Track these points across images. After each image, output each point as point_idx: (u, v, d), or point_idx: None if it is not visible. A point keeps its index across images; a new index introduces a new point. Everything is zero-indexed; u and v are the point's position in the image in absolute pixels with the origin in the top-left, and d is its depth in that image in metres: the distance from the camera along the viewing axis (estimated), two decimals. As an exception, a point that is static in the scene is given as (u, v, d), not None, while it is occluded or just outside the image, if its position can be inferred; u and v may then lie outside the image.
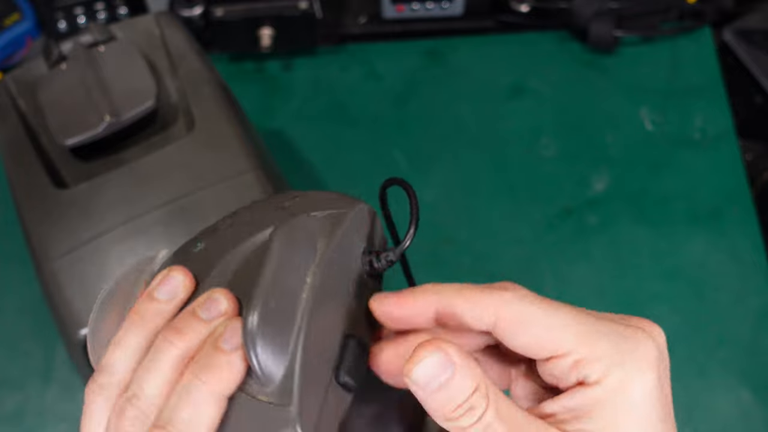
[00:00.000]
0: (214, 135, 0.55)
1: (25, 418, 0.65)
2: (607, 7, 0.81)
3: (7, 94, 0.59)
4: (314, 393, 0.28)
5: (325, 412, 0.28)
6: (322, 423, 0.28)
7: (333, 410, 0.29)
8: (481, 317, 0.29)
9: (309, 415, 0.27)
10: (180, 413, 0.28)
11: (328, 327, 0.29)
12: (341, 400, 0.29)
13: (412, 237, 0.31)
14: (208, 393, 0.28)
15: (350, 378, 0.29)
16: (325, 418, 0.28)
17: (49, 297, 0.52)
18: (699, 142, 0.78)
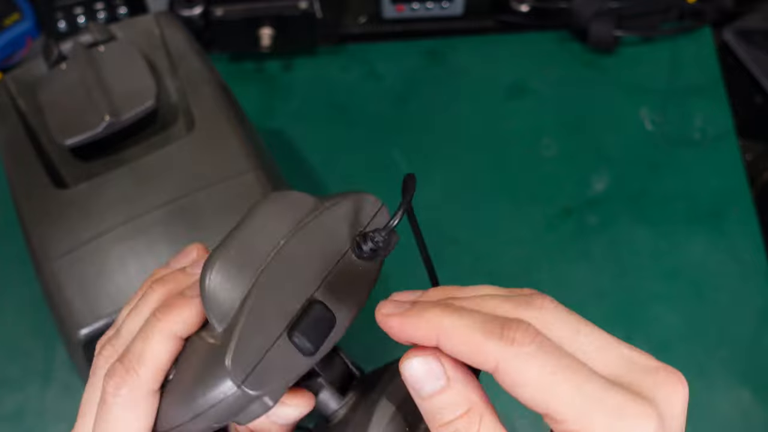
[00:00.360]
0: (214, 135, 0.55)
1: (25, 418, 0.65)
2: (607, 7, 0.81)
3: (7, 93, 0.59)
4: (257, 341, 0.29)
5: (268, 364, 0.29)
6: (264, 373, 0.29)
7: (279, 365, 0.29)
8: (482, 364, 0.28)
9: (245, 359, 0.28)
10: (134, 345, 0.31)
11: (291, 289, 0.30)
12: (292, 358, 0.29)
13: (399, 217, 0.31)
14: (159, 330, 0.31)
15: (305, 339, 0.29)
16: (268, 369, 0.29)
17: (49, 297, 0.52)
18: (699, 142, 0.78)
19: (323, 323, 0.30)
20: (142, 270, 0.51)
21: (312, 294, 0.30)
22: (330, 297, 0.30)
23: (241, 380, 0.28)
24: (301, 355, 0.29)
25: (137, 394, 0.31)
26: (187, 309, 0.32)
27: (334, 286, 0.31)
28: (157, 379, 0.31)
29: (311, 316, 0.30)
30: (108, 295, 0.50)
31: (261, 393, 0.29)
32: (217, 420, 0.30)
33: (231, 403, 0.29)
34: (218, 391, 0.29)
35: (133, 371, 0.31)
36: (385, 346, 0.36)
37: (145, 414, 0.31)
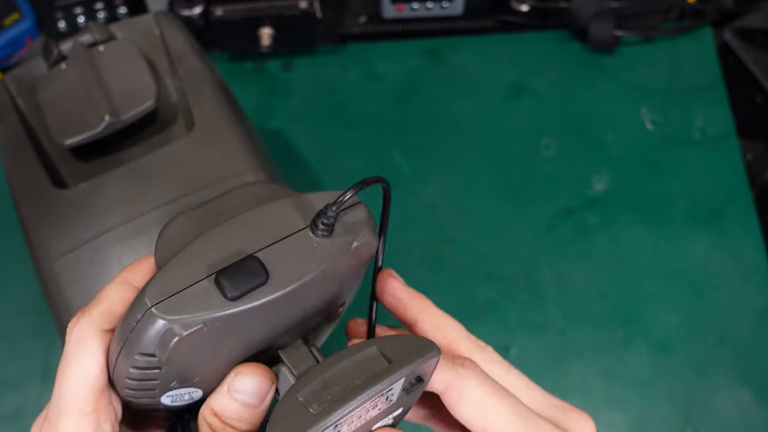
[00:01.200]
0: (214, 135, 0.55)
1: (24, 418, 0.65)
2: (607, 6, 0.81)
3: (7, 93, 0.59)
4: (181, 276, 0.30)
5: (187, 297, 0.30)
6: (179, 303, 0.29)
7: (198, 301, 0.30)
8: (433, 383, 0.33)
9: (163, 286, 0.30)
10: (98, 294, 0.33)
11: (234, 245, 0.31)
12: (213, 298, 0.30)
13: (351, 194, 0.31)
14: (117, 277, 0.33)
15: (229, 282, 0.30)
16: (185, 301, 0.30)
17: (49, 297, 0.52)
18: (699, 142, 0.78)
19: (252, 275, 0.30)
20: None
21: (252, 253, 0.31)
22: (270, 259, 0.31)
23: (153, 302, 0.29)
24: (222, 298, 0.30)
25: (87, 330, 0.32)
26: (147, 264, 0.34)
27: (278, 253, 0.31)
28: (105, 319, 0.33)
29: (241, 265, 0.30)
30: (108, 295, 0.50)
31: (172, 318, 0.29)
32: (140, 348, 0.30)
33: (145, 326, 0.29)
34: (136, 313, 0.30)
35: (87, 310, 0.33)
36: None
37: (95, 349, 0.32)
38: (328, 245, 0.32)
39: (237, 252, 0.31)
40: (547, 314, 0.69)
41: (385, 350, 0.31)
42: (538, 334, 0.68)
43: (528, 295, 0.70)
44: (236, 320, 0.30)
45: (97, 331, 0.32)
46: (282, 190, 0.35)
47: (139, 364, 0.31)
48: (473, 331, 0.37)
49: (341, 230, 0.32)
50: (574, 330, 0.69)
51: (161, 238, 0.32)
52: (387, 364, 0.31)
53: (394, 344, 0.32)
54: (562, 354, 0.68)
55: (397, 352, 0.31)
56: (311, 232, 0.32)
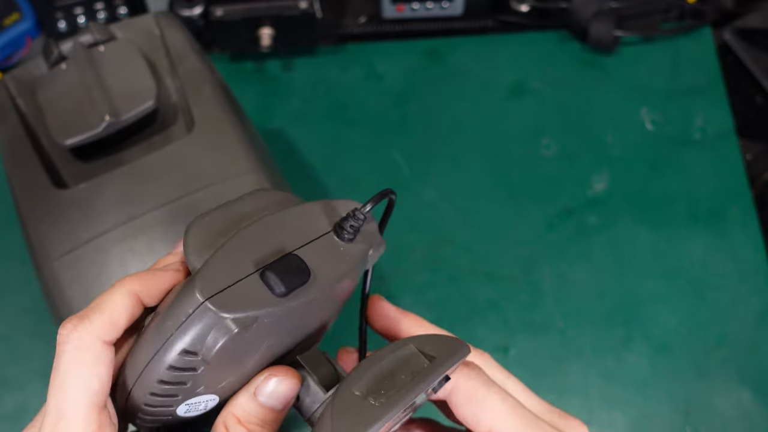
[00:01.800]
0: (214, 135, 0.55)
1: (25, 418, 0.65)
2: (607, 6, 0.81)
3: (7, 93, 0.59)
4: (229, 271, 0.30)
5: (237, 292, 0.29)
6: (231, 298, 0.29)
7: (248, 296, 0.29)
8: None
9: (214, 280, 0.29)
10: (97, 300, 0.31)
11: (270, 243, 0.31)
12: (262, 295, 0.30)
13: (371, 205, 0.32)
14: (121, 285, 0.31)
15: (277, 278, 0.29)
16: (236, 296, 0.29)
17: (49, 297, 0.52)
18: (699, 142, 0.78)
19: (298, 272, 0.30)
20: (141, 270, 0.51)
21: (291, 251, 0.31)
22: (308, 257, 0.31)
23: (206, 297, 0.29)
24: (271, 293, 0.30)
25: (86, 341, 0.30)
26: (154, 276, 0.32)
27: (312, 252, 0.32)
28: (108, 330, 0.30)
29: (287, 262, 0.30)
30: (108, 295, 0.50)
31: (226, 315, 0.29)
32: (185, 345, 0.29)
33: (196, 322, 0.29)
34: (186, 307, 0.29)
35: (86, 318, 0.30)
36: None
37: (95, 364, 0.30)
38: (351, 249, 0.33)
39: (275, 249, 0.31)
40: (547, 314, 0.69)
41: (424, 348, 0.33)
42: (537, 334, 0.68)
43: (528, 295, 0.70)
44: (281, 317, 0.30)
45: (99, 341, 0.30)
46: (290, 197, 0.35)
47: (178, 364, 0.30)
48: (473, 330, 0.37)
49: (361, 236, 0.33)
50: (574, 330, 0.69)
51: (189, 239, 0.31)
52: (428, 362, 0.32)
53: (429, 343, 0.33)
54: (562, 354, 0.68)
55: (436, 350, 0.32)
56: (336, 236, 0.33)
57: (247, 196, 0.34)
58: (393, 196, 0.34)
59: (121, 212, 0.52)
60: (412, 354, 0.32)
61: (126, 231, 0.51)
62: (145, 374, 0.31)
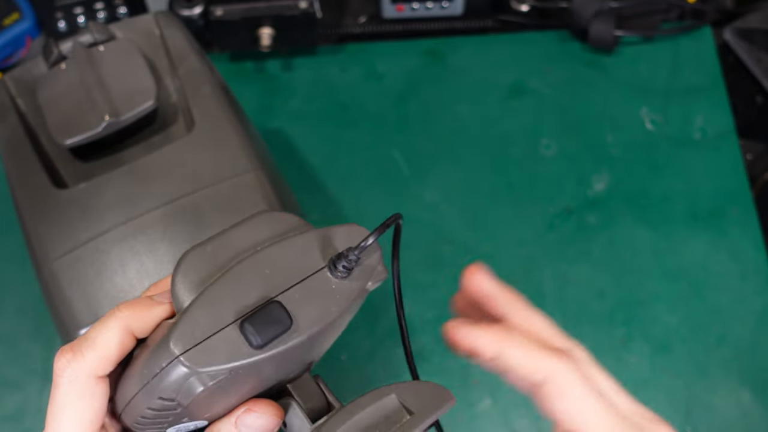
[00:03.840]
0: (214, 135, 0.55)
1: (25, 418, 0.65)
2: (607, 6, 0.81)
3: (7, 93, 0.59)
4: (205, 322, 0.30)
5: (213, 345, 0.29)
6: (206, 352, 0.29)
7: (224, 349, 0.29)
8: (533, 374, 0.35)
9: (188, 333, 0.29)
10: (89, 332, 0.32)
11: (255, 288, 0.31)
12: (239, 347, 0.30)
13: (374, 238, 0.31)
14: (115, 319, 0.32)
15: (254, 330, 0.29)
16: (211, 350, 0.29)
17: (48, 297, 0.52)
18: (699, 142, 0.78)
19: (277, 322, 0.30)
20: (141, 270, 0.51)
21: (274, 296, 0.31)
22: (292, 303, 0.31)
23: (180, 351, 0.29)
24: (248, 346, 0.30)
25: (80, 376, 0.31)
26: (147, 309, 0.32)
27: (299, 295, 0.31)
28: (102, 366, 0.31)
29: (266, 312, 0.30)
30: (108, 295, 0.50)
31: (200, 370, 0.29)
32: (161, 393, 0.30)
33: (170, 375, 0.29)
34: (161, 360, 0.30)
35: (79, 354, 0.31)
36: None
37: (89, 398, 0.31)
38: (346, 287, 0.32)
39: (259, 296, 0.31)
40: (547, 314, 0.69)
41: (405, 400, 0.32)
42: (538, 334, 0.68)
43: (528, 295, 0.70)
44: (261, 365, 0.30)
45: (93, 377, 0.31)
46: (293, 221, 0.34)
47: (156, 406, 0.31)
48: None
49: (358, 271, 0.32)
50: (574, 330, 0.68)
51: (177, 277, 0.31)
52: (408, 416, 0.32)
53: (411, 393, 0.33)
54: (562, 354, 0.68)
55: (417, 402, 0.32)
56: (329, 272, 0.32)
57: (248, 222, 0.33)
58: (400, 221, 0.33)
59: (121, 212, 0.52)
60: (393, 406, 0.32)
61: (126, 231, 0.51)
62: (130, 406, 0.32)
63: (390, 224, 0.32)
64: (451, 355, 0.40)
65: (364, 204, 0.74)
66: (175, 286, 0.31)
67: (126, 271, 0.51)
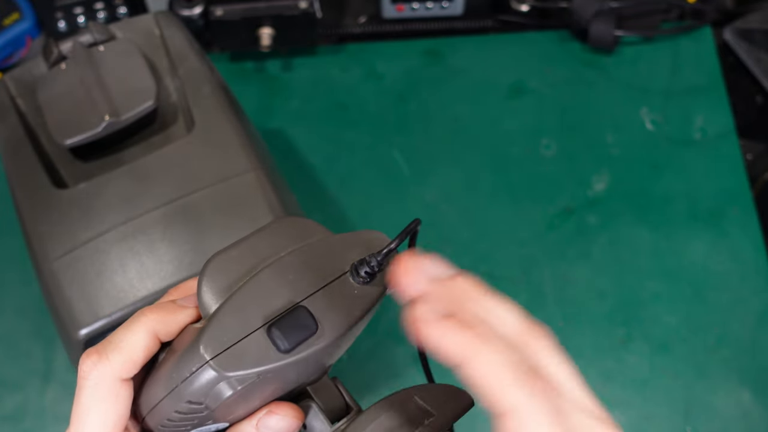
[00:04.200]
0: (214, 135, 0.55)
1: (25, 418, 0.65)
2: (607, 6, 0.81)
3: (7, 93, 0.59)
4: (234, 327, 0.30)
5: (241, 350, 0.30)
6: (235, 357, 0.30)
7: (252, 354, 0.30)
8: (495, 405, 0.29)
9: (218, 339, 0.30)
10: (114, 336, 0.32)
11: (281, 292, 0.31)
12: (266, 352, 0.30)
13: (396, 244, 0.32)
14: (141, 323, 0.32)
15: (282, 335, 0.30)
16: (240, 354, 0.30)
17: (49, 297, 0.52)
18: (699, 142, 0.78)
19: (304, 327, 0.31)
20: (141, 270, 0.51)
21: (300, 301, 0.31)
22: (317, 308, 0.31)
23: (211, 356, 0.30)
24: (276, 350, 0.30)
25: (105, 380, 0.32)
26: (172, 314, 0.33)
27: (323, 300, 0.32)
28: (127, 369, 0.32)
29: (293, 317, 0.31)
30: (108, 295, 0.50)
31: (230, 374, 0.30)
32: (190, 397, 0.30)
33: (200, 379, 0.30)
34: (191, 364, 0.30)
35: (105, 357, 0.32)
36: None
37: (113, 401, 0.32)
38: (367, 292, 0.33)
39: (285, 300, 0.31)
40: (547, 314, 0.69)
41: (426, 402, 0.33)
42: (538, 334, 0.68)
43: (528, 295, 0.70)
44: (287, 369, 0.31)
45: (118, 380, 0.32)
46: (315, 228, 0.34)
47: (184, 410, 0.31)
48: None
49: (379, 276, 0.33)
50: (574, 330, 0.69)
51: (204, 282, 0.32)
52: (430, 418, 0.32)
53: (432, 395, 0.33)
54: (562, 354, 0.68)
55: (438, 404, 0.33)
56: (352, 278, 0.32)
57: (271, 227, 0.34)
58: (418, 227, 0.34)
59: (121, 212, 0.52)
60: (415, 409, 0.33)
61: (126, 231, 0.51)
62: (155, 410, 0.32)
63: (411, 231, 0.33)
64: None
65: (364, 204, 0.74)
66: (202, 291, 0.32)
67: (126, 271, 0.51)
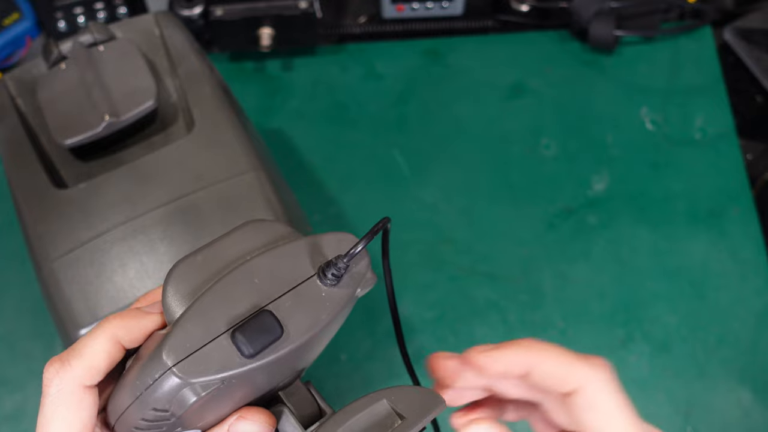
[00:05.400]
0: (214, 135, 0.55)
1: (25, 418, 0.65)
2: (607, 6, 0.81)
3: (7, 93, 0.59)
4: (197, 333, 0.30)
5: (205, 355, 0.30)
6: (198, 362, 0.29)
7: (216, 359, 0.30)
8: (566, 384, 0.32)
9: (180, 345, 0.30)
10: (77, 343, 0.32)
11: (246, 297, 0.31)
12: (230, 357, 0.30)
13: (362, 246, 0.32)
14: (103, 330, 0.32)
15: (246, 340, 0.30)
16: (203, 360, 0.30)
17: (49, 297, 0.52)
18: (699, 142, 0.78)
19: (268, 331, 0.30)
20: (141, 270, 0.51)
21: (265, 305, 0.31)
22: (283, 312, 0.31)
23: (173, 362, 0.29)
24: (240, 355, 0.30)
25: (68, 386, 0.31)
26: (135, 319, 0.32)
27: (289, 304, 0.31)
28: (89, 376, 0.32)
29: (257, 321, 0.30)
30: (108, 295, 0.50)
31: (193, 380, 0.29)
32: (155, 404, 0.30)
33: (163, 386, 0.30)
34: (154, 371, 0.30)
35: (67, 363, 0.32)
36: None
37: (76, 408, 0.31)
38: (335, 294, 0.32)
39: (250, 305, 0.31)
40: (547, 314, 0.69)
41: (396, 405, 0.33)
42: (538, 334, 0.68)
43: (528, 295, 0.70)
44: (253, 374, 0.31)
45: (80, 387, 0.32)
46: (282, 230, 0.34)
47: (150, 417, 0.31)
48: (473, 330, 0.37)
49: (347, 278, 0.33)
50: (574, 330, 0.69)
51: (168, 288, 0.31)
52: (400, 421, 0.32)
53: (402, 397, 0.33)
54: (562, 354, 0.68)
55: (408, 407, 0.32)
56: (319, 280, 0.32)
57: (238, 231, 0.34)
58: (388, 225, 0.34)
59: (121, 212, 0.52)
60: (384, 412, 0.33)
61: (126, 231, 0.51)
62: (123, 418, 0.32)
63: (378, 230, 0.32)
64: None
65: (364, 204, 0.74)
66: (166, 297, 0.31)
67: (126, 271, 0.51)
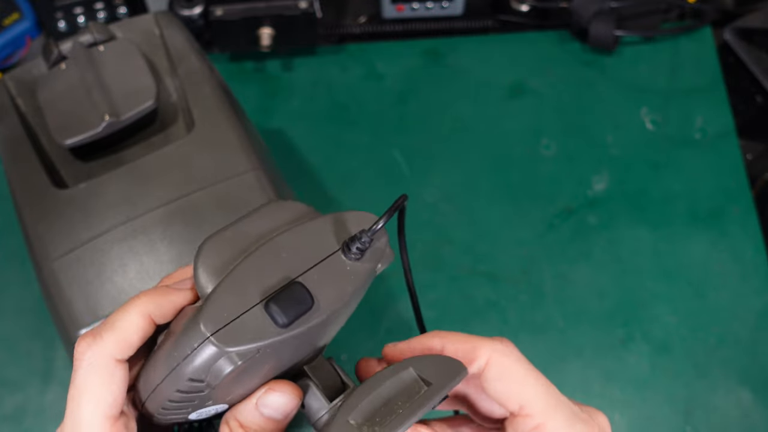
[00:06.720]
0: (214, 135, 0.55)
1: (25, 418, 0.65)
2: (607, 6, 0.81)
3: (7, 93, 0.59)
4: (232, 304, 0.31)
5: (240, 325, 0.30)
6: (234, 332, 0.30)
7: (251, 329, 0.30)
8: (477, 358, 0.35)
9: (217, 315, 0.30)
10: (110, 317, 0.33)
11: (276, 270, 0.32)
12: (265, 327, 0.31)
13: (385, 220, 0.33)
14: (135, 305, 0.33)
15: (280, 310, 0.30)
16: (239, 330, 0.30)
17: (49, 297, 0.52)
18: (699, 142, 0.78)
19: (300, 302, 0.31)
20: (141, 270, 0.51)
21: (295, 278, 0.32)
22: (312, 284, 0.32)
23: (211, 332, 0.30)
24: (274, 325, 0.31)
25: (99, 359, 0.32)
26: (165, 296, 0.33)
27: (318, 276, 0.32)
28: (121, 349, 0.32)
29: (290, 292, 0.31)
30: (108, 295, 0.50)
31: (230, 349, 0.30)
32: (192, 374, 0.31)
33: (201, 355, 0.30)
34: (192, 341, 0.30)
35: (99, 337, 0.32)
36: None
37: (108, 381, 0.32)
38: (359, 268, 0.33)
39: (281, 277, 0.32)
40: (547, 314, 0.69)
41: (422, 372, 0.34)
42: (538, 334, 0.68)
43: (528, 295, 0.70)
44: (285, 344, 0.31)
45: (112, 360, 0.32)
46: (304, 209, 0.35)
47: (185, 389, 0.32)
48: (473, 331, 0.37)
49: (369, 253, 0.34)
50: (574, 330, 0.69)
51: (199, 263, 0.32)
52: (426, 387, 0.33)
53: (427, 365, 0.34)
54: (562, 354, 0.68)
55: (433, 374, 0.34)
56: (343, 254, 0.33)
57: (261, 210, 0.35)
58: (405, 202, 0.35)
59: (121, 212, 0.52)
60: (411, 379, 0.34)
61: (126, 231, 0.51)
62: (156, 392, 0.33)
63: (397, 208, 0.33)
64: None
65: (364, 204, 0.74)
66: (198, 272, 0.32)
67: (126, 271, 0.51)
